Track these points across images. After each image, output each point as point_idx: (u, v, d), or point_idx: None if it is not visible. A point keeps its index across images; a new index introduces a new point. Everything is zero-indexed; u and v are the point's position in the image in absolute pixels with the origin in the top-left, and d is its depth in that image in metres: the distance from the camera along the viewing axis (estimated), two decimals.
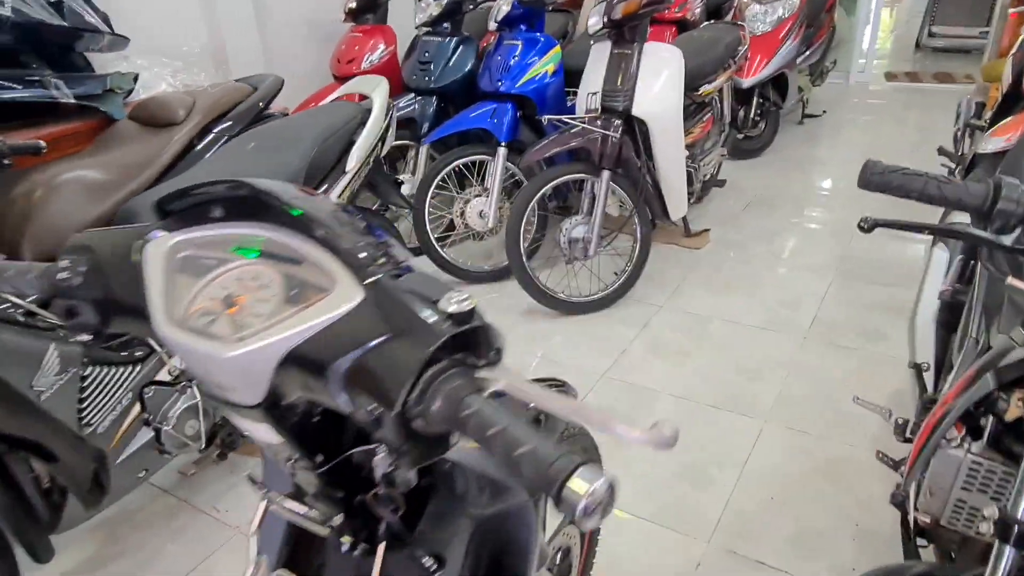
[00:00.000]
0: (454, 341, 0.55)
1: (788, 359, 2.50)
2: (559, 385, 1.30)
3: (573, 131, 2.70)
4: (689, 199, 3.17)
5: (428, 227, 3.01)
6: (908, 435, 1.54)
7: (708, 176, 3.47)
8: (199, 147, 2.22)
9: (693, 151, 3.21)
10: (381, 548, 0.70)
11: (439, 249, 3.04)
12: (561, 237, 2.81)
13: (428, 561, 0.75)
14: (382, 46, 3.47)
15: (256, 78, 2.57)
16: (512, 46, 3.02)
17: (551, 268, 3.07)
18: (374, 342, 0.54)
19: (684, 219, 3.29)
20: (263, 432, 0.65)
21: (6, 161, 1.52)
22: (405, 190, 3.12)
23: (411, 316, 0.54)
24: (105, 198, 2.02)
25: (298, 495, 0.73)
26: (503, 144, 2.94)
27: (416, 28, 3.34)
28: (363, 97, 2.27)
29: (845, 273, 3.05)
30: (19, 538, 1.41)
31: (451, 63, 3.20)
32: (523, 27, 3.06)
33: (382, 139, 2.14)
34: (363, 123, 2.07)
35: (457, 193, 3.10)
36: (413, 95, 3.26)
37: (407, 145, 3.27)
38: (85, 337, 0.71)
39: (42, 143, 1.67)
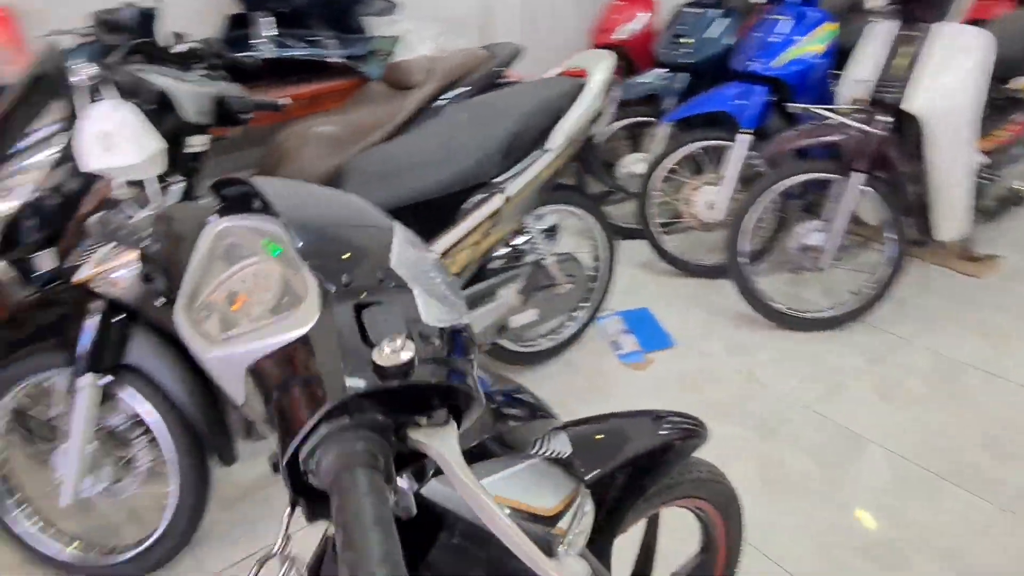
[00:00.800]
0: (390, 396, 0.48)
1: None
2: (691, 423, 1.15)
3: (827, 123, 2.35)
4: (976, 216, 2.60)
5: (652, 211, 2.86)
6: None
7: (1011, 190, 2.80)
8: (430, 110, 2.34)
9: (994, 159, 2.61)
10: None
11: (657, 236, 2.89)
12: (792, 241, 2.49)
13: None
14: (641, 16, 3.34)
15: (497, 46, 2.63)
16: (775, 21, 2.69)
17: (780, 274, 2.75)
18: (298, 378, 0.49)
19: (965, 239, 2.71)
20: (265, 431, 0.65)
21: (248, 116, 1.74)
22: (639, 169, 3.01)
23: (335, 359, 0.49)
24: (342, 152, 2.22)
25: None
26: (746, 131, 2.66)
27: None
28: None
29: None
30: (212, 442, 1.66)
31: (707, 37, 2.96)
32: None
33: (595, 119, 2.05)
34: (576, 100, 2.00)
35: (689, 178, 2.89)
36: (662, 70, 3.08)
37: (649, 122, 3.13)
38: (161, 301, 0.77)
39: (281, 101, 1.88)
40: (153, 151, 1.30)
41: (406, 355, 0.48)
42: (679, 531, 1.21)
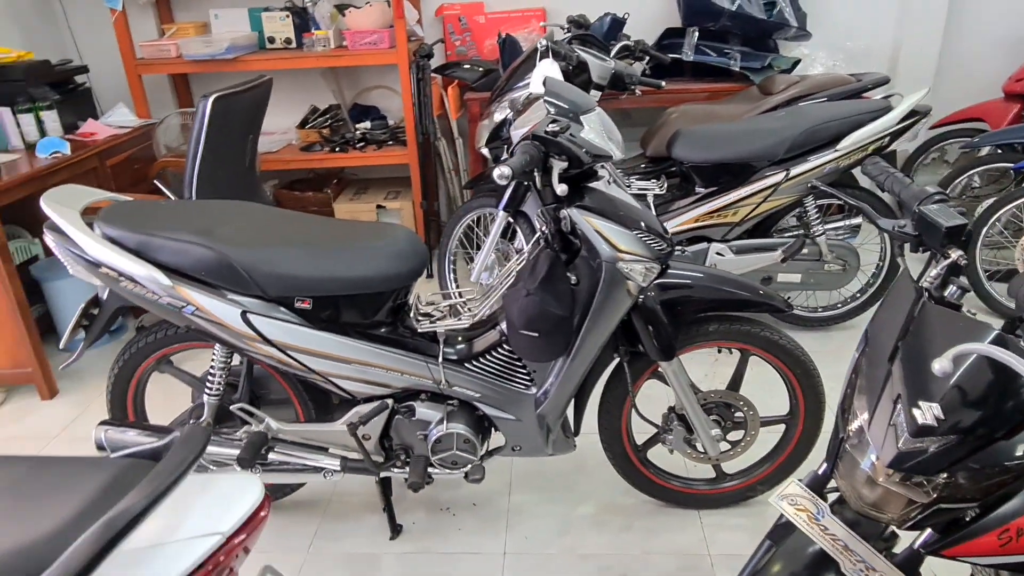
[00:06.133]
0: (549, 144, 1.44)
1: None
2: (781, 300, 1.78)
3: None
4: None
5: (980, 253, 2.99)
6: None
7: None
8: (775, 111, 3.03)
9: None
10: (540, 246, 1.63)
11: (983, 279, 2.99)
12: None
13: (573, 279, 1.65)
14: None
15: (865, 74, 3.12)
16: None
17: None
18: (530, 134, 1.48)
19: None
20: None
21: (633, 88, 2.75)
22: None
23: (535, 125, 1.46)
24: None
25: None
26: None
27: None
28: None
29: None
30: None
31: None
32: None
33: (891, 137, 2.53)
34: (877, 118, 2.51)
35: None
36: None
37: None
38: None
39: (662, 83, 2.85)
40: None
41: (555, 128, 1.43)
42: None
